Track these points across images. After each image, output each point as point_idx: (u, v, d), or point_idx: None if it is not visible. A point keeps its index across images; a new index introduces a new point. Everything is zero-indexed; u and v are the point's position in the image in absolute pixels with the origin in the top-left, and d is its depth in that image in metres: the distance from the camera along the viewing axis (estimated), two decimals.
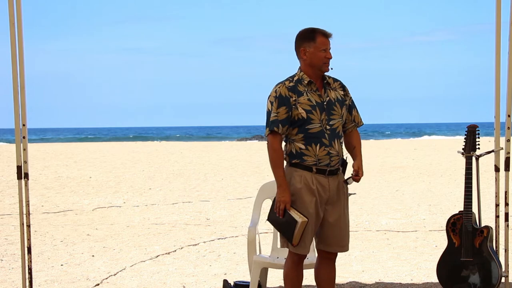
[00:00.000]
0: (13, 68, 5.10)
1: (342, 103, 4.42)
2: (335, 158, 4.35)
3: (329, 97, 4.39)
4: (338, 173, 4.40)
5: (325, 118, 4.34)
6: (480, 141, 5.36)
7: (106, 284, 6.26)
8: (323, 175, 4.33)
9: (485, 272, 5.15)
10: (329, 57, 4.37)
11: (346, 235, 4.44)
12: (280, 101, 4.33)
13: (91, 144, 39.15)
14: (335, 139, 4.36)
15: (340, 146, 4.40)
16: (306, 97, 4.34)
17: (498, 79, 5.19)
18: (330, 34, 4.40)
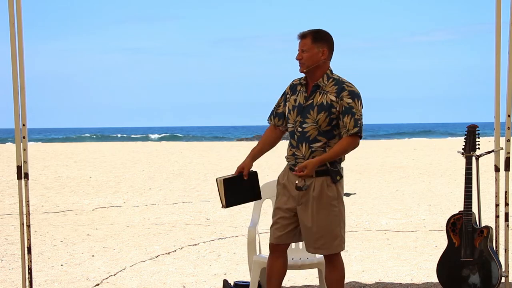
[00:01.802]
0: (13, 68, 5.10)
1: (323, 109, 4.36)
2: (300, 160, 4.41)
3: (313, 100, 4.40)
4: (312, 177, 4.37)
5: (299, 121, 4.41)
6: (480, 141, 5.36)
7: (106, 284, 6.26)
8: (293, 174, 4.46)
9: (485, 272, 5.15)
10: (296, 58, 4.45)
11: (321, 238, 4.41)
12: (282, 95, 4.61)
13: (91, 144, 39.14)
14: (303, 142, 4.39)
15: (308, 150, 4.38)
16: (296, 97, 4.47)
17: (498, 79, 5.19)
18: (299, 34, 4.46)
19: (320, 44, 4.41)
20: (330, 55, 4.46)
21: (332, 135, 4.40)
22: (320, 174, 4.38)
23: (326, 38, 4.45)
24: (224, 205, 4.57)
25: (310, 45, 4.40)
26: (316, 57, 4.40)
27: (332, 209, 4.42)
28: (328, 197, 4.40)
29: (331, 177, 4.40)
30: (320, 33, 4.44)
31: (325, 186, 4.39)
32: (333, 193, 4.41)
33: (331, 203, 4.41)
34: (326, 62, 4.44)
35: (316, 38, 4.41)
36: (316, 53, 4.40)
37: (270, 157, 25.24)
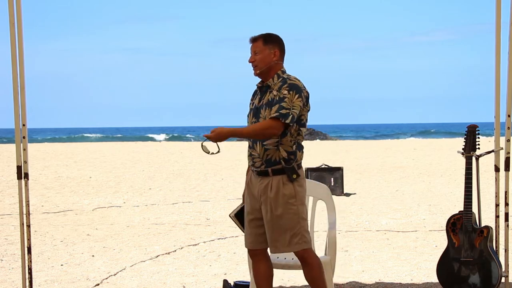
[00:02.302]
0: (13, 68, 5.10)
1: (268, 105, 4.40)
2: (257, 159, 4.46)
3: (263, 100, 4.46)
4: (268, 175, 4.42)
5: (253, 121, 4.48)
6: (480, 141, 5.36)
7: (106, 284, 6.25)
8: (254, 174, 4.52)
9: (485, 272, 5.16)
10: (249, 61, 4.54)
11: (280, 238, 4.42)
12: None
13: (91, 144, 39.15)
14: (257, 141, 4.44)
15: (262, 149, 4.42)
16: (254, 100, 4.59)
17: (498, 79, 5.19)
18: (250, 39, 4.55)
19: (272, 45, 4.50)
20: (282, 56, 4.54)
21: (283, 133, 4.40)
22: (276, 173, 4.42)
23: (277, 40, 4.55)
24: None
25: (262, 47, 4.48)
26: (268, 58, 4.48)
27: (290, 207, 4.41)
28: (284, 195, 4.41)
29: (287, 175, 4.42)
30: (271, 36, 4.55)
31: (281, 184, 4.41)
32: (290, 192, 4.41)
33: (288, 201, 4.41)
34: (278, 63, 4.51)
35: (267, 40, 4.50)
36: (268, 54, 4.48)
37: None
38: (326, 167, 13.30)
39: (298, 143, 4.49)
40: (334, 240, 4.98)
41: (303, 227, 4.46)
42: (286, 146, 4.43)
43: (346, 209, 10.85)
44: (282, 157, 4.41)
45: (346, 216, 10.17)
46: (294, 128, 4.43)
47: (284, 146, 4.42)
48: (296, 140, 4.46)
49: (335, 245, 4.98)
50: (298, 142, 4.48)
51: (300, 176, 4.48)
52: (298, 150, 4.48)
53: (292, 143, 4.44)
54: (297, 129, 4.45)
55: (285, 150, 4.42)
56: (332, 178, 13.05)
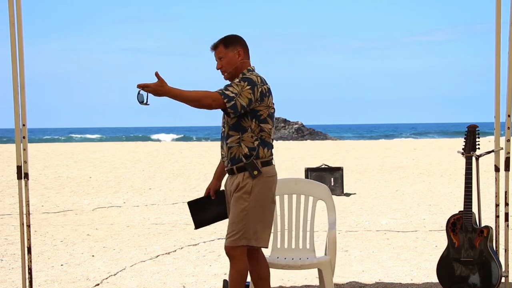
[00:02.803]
0: (13, 68, 5.10)
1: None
2: (225, 159, 4.54)
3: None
4: (235, 173, 4.46)
5: (223, 122, 4.56)
6: (480, 141, 5.36)
7: (106, 284, 6.26)
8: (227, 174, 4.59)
9: (485, 272, 5.16)
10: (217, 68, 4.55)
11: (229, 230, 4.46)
12: None
13: (91, 144, 39.14)
14: (223, 141, 4.52)
15: (226, 147, 4.47)
16: None
17: (498, 79, 5.19)
18: (211, 47, 4.56)
19: (233, 47, 4.51)
20: (246, 54, 4.55)
21: (243, 129, 4.41)
22: (240, 170, 4.45)
23: (237, 39, 4.55)
24: (194, 227, 4.82)
25: (224, 51, 4.50)
26: (234, 59, 4.49)
27: (242, 202, 4.42)
28: (241, 189, 4.44)
29: (248, 172, 4.43)
30: (229, 38, 4.55)
31: (241, 180, 4.45)
32: (247, 187, 4.42)
33: (241, 197, 4.43)
34: (244, 61, 4.51)
35: (227, 44, 4.51)
36: (232, 56, 4.49)
37: None
38: (326, 167, 13.30)
39: (262, 139, 4.45)
40: (334, 240, 4.98)
41: (250, 225, 4.41)
42: (248, 142, 4.43)
43: (346, 209, 10.85)
44: (244, 153, 4.43)
45: (346, 216, 10.17)
46: (254, 123, 4.41)
47: (246, 142, 4.43)
48: (258, 136, 4.44)
49: (335, 245, 4.98)
50: (261, 138, 4.45)
51: (264, 173, 4.44)
52: (261, 146, 4.44)
53: (254, 139, 4.43)
54: (257, 124, 4.43)
55: (246, 146, 4.43)
56: (332, 178, 13.05)
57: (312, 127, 52.38)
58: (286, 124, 51.19)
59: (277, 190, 5.32)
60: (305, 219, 5.27)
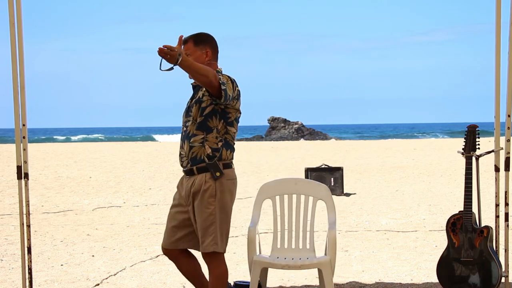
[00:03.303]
0: (13, 68, 5.10)
1: (197, 102, 4.42)
2: (184, 159, 4.47)
3: (194, 99, 4.47)
4: (194, 174, 4.43)
5: (184, 121, 4.50)
6: (480, 141, 5.36)
7: (106, 284, 6.25)
8: (184, 174, 4.53)
9: (485, 272, 5.16)
10: None
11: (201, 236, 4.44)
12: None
13: (91, 144, 39.13)
14: (185, 140, 4.45)
15: (188, 146, 4.43)
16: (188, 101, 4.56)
17: (498, 79, 5.19)
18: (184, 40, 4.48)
19: (202, 46, 4.46)
20: (214, 55, 4.51)
21: (209, 129, 4.40)
22: (200, 171, 4.42)
23: (208, 39, 4.51)
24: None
25: (193, 49, 4.45)
26: (200, 59, 4.43)
27: (207, 207, 4.42)
28: (204, 193, 4.42)
29: (210, 173, 4.41)
30: (201, 36, 4.50)
31: (203, 182, 4.42)
32: (211, 190, 4.41)
33: (207, 201, 4.42)
34: (211, 63, 4.47)
35: (197, 41, 4.46)
36: (200, 55, 4.45)
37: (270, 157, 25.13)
38: (326, 167, 13.30)
39: (226, 141, 4.45)
40: (334, 240, 4.98)
41: (218, 228, 4.43)
42: (211, 142, 4.42)
43: (346, 209, 10.85)
44: (206, 154, 4.40)
45: (346, 216, 10.16)
46: (221, 124, 4.41)
47: (210, 142, 4.41)
48: (223, 138, 4.44)
49: (335, 245, 4.98)
50: (226, 140, 4.45)
51: (226, 176, 4.43)
52: (224, 148, 4.44)
53: (218, 140, 4.43)
54: (224, 126, 4.43)
55: (210, 146, 4.41)
56: (332, 178, 13.05)
57: (312, 127, 52.39)
58: (286, 124, 51.20)
59: (277, 190, 5.33)
60: (305, 219, 5.27)
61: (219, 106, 4.39)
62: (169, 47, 4.03)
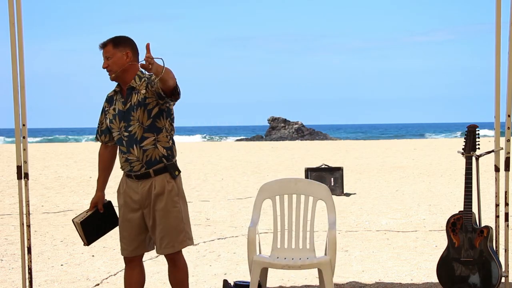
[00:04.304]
0: (13, 68, 5.10)
1: (140, 105, 4.38)
2: (135, 163, 4.44)
3: (131, 102, 4.43)
4: (151, 177, 4.43)
5: (123, 126, 4.45)
6: (480, 141, 5.36)
7: (106, 284, 6.26)
8: (132, 179, 4.51)
9: (485, 272, 5.16)
10: (102, 67, 4.48)
11: (167, 236, 4.45)
12: (101, 112, 4.66)
13: (91, 144, 39.14)
14: (133, 145, 4.42)
15: (140, 150, 4.41)
16: (114, 106, 4.52)
17: (498, 79, 5.19)
18: (100, 45, 4.48)
19: (122, 48, 4.44)
20: (135, 57, 4.49)
21: (158, 129, 4.41)
22: (158, 173, 4.44)
23: (127, 41, 4.49)
24: (86, 243, 4.76)
25: (112, 51, 4.43)
26: (121, 61, 4.42)
27: (174, 205, 4.46)
28: (170, 193, 4.45)
29: (170, 173, 4.46)
30: (119, 38, 4.49)
31: (165, 183, 4.44)
32: (174, 189, 4.47)
33: (173, 200, 4.45)
34: (133, 64, 4.46)
35: (116, 44, 4.44)
36: (120, 57, 4.43)
37: (270, 157, 25.13)
38: (326, 167, 13.30)
39: (172, 137, 4.51)
40: (334, 240, 4.98)
41: (186, 224, 4.52)
42: (163, 142, 4.44)
43: (346, 209, 10.85)
44: (161, 154, 4.42)
45: (346, 216, 10.17)
46: (168, 123, 4.45)
47: (161, 142, 4.43)
48: (171, 136, 4.50)
49: (335, 245, 4.98)
50: (171, 136, 4.51)
51: (180, 172, 4.54)
52: (173, 145, 4.51)
53: (168, 138, 4.47)
54: (170, 124, 4.48)
55: (163, 146, 4.43)
56: (332, 178, 13.05)
57: (312, 127, 52.39)
58: (286, 124, 51.21)
59: (277, 190, 5.34)
60: (305, 219, 5.27)
61: (165, 105, 4.41)
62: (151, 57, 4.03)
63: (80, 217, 4.72)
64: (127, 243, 4.57)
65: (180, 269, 4.58)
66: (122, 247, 4.60)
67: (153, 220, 4.46)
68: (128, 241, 4.57)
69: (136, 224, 4.53)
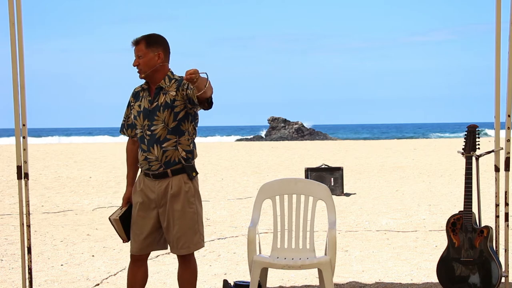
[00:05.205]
0: (13, 68, 5.10)
1: (167, 107, 4.39)
2: (154, 163, 4.44)
3: (157, 102, 4.43)
4: (168, 177, 4.43)
5: (147, 124, 4.45)
6: (480, 141, 5.36)
7: (106, 284, 6.26)
8: (149, 178, 4.50)
9: (485, 272, 5.16)
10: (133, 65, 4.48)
11: (183, 237, 4.45)
12: (127, 106, 4.68)
13: (91, 144, 39.14)
14: (154, 144, 4.42)
15: (160, 151, 4.41)
16: (140, 102, 4.52)
17: (498, 79, 5.20)
18: (132, 42, 4.47)
19: (155, 48, 4.44)
20: (166, 57, 4.49)
21: (181, 132, 4.43)
22: (176, 173, 4.44)
23: (160, 41, 4.48)
24: (126, 240, 4.71)
25: (144, 51, 4.43)
26: (153, 61, 4.43)
27: (190, 206, 4.46)
28: (186, 194, 4.45)
29: (187, 174, 4.45)
30: (153, 37, 4.47)
31: (182, 183, 4.44)
32: (191, 190, 4.46)
33: (189, 201, 4.46)
34: (164, 65, 4.47)
35: (149, 43, 4.43)
36: (152, 57, 4.43)
37: (270, 157, 25.10)
38: (326, 167, 13.30)
39: (193, 141, 4.53)
40: (334, 240, 4.98)
41: (201, 225, 4.53)
42: (184, 145, 4.46)
43: (346, 209, 10.85)
44: (181, 156, 4.43)
45: (346, 216, 10.17)
46: (191, 127, 4.47)
47: (183, 145, 4.45)
48: (193, 139, 4.51)
49: (335, 245, 4.98)
50: (193, 140, 4.52)
51: (197, 174, 4.53)
52: (194, 148, 4.53)
53: (190, 141, 4.48)
54: (194, 128, 4.50)
55: (183, 149, 4.45)
56: (332, 178, 13.05)
57: (312, 127, 52.39)
58: (286, 124, 51.21)
59: (277, 190, 5.34)
60: (305, 219, 5.27)
61: (192, 110, 4.42)
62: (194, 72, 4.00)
63: (116, 214, 4.68)
64: (139, 241, 4.56)
65: (191, 270, 4.57)
66: (133, 244, 4.59)
67: (168, 220, 4.46)
68: (140, 239, 4.56)
69: (151, 222, 4.53)
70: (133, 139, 4.68)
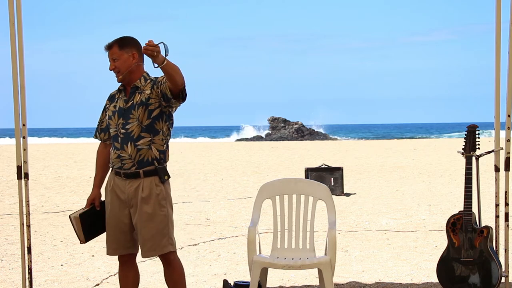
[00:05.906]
0: (13, 68, 5.10)
1: (142, 104, 4.41)
2: (127, 161, 4.44)
3: (133, 101, 4.45)
4: (139, 177, 4.43)
5: (121, 123, 4.46)
6: (480, 141, 5.36)
7: (106, 284, 6.26)
8: (120, 177, 4.49)
9: (485, 272, 5.16)
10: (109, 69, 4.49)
11: (151, 240, 4.43)
12: (102, 111, 4.69)
13: (91, 144, 39.15)
14: (128, 142, 4.43)
15: (134, 149, 4.41)
16: (115, 103, 4.54)
17: (498, 79, 5.19)
18: (105, 46, 4.49)
19: (128, 49, 4.46)
20: (141, 58, 4.50)
21: (156, 131, 4.43)
22: (148, 174, 4.43)
23: (133, 42, 4.50)
24: (83, 240, 4.69)
25: (118, 53, 4.45)
26: (128, 62, 4.45)
27: (161, 209, 4.45)
28: (157, 197, 4.44)
29: (159, 176, 4.45)
30: (125, 39, 4.50)
31: (153, 186, 4.44)
32: (162, 193, 4.45)
33: (160, 203, 4.45)
34: (139, 65, 4.49)
35: (122, 45, 4.46)
36: (126, 58, 4.45)
37: (269, 157, 25.12)
38: (326, 167, 13.30)
39: (167, 143, 4.53)
40: (334, 240, 4.98)
41: (171, 229, 4.51)
42: (158, 145, 4.46)
43: (346, 209, 10.85)
44: (154, 156, 4.44)
45: (346, 216, 10.17)
46: (165, 126, 4.47)
47: (156, 145, 4.45)
48: (166, 140, 4.51)
49: (335, 245, 4.98)
50: (167, 141, 4.52)
51: (169, 177, 4.52)
52: (167, 149, 4.53)
53: (163, 142, 4.48)
54: (168, 128, 4.50)
55: (157, 149, 4.45)
56: (332, 178, 13.05)
57: (312, 127, 52.39)
58: (286, 124, 51.23)
59: (277, 190, 5.34)
60: (305, 219, 5.27)
61: (167, 108, 4.43)
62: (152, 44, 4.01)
63: (77, 212, 4.69)
64: (111, 241, 4.58)
65: (175, 270, 4.56)
66: (107, 245, 4.61)
67: (138, 222, 4.46)
68: (112, 240, 4.57)
69: (122, 222, 4.53)
70: (104, 143, 4.71)
